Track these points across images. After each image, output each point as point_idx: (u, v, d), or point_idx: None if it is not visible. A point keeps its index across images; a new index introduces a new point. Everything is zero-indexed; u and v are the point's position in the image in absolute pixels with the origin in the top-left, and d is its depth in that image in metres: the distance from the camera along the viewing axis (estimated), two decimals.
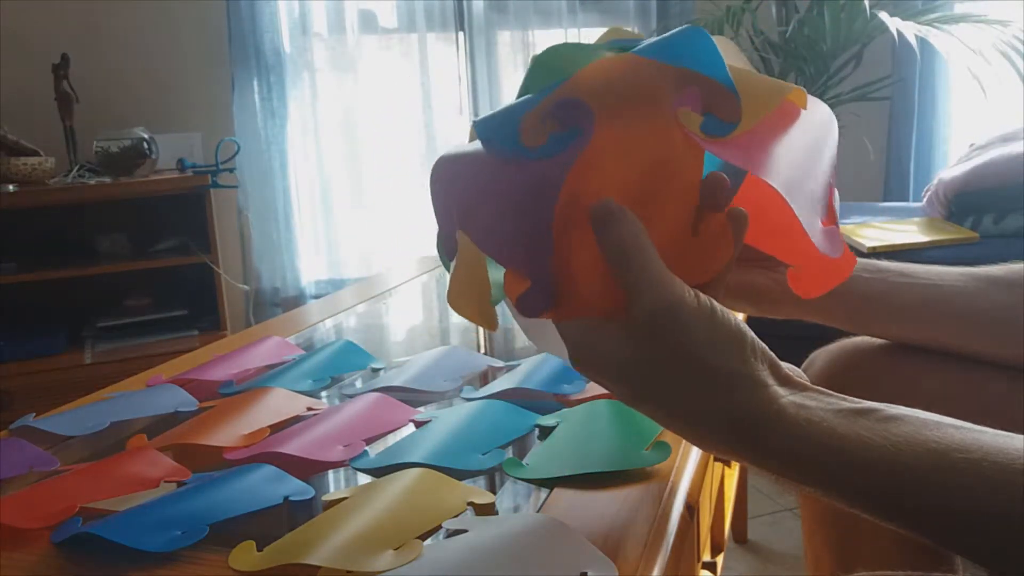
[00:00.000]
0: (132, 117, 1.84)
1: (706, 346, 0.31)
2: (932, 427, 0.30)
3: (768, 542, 1.29)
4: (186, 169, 1.77)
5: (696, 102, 0.35)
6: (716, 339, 0.31)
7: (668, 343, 0.31)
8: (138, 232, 1.81)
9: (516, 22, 2.12)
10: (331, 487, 0.46)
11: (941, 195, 1.54)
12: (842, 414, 0.31)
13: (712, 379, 0.31)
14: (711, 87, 0.35)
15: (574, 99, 0.34)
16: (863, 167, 2.23)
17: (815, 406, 0.31)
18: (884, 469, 0.29)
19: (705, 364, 0.31)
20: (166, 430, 0.55)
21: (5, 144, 1.66)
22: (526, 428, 0.52)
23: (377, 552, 0.36)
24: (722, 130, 0.34)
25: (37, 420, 0.58)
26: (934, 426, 0.30)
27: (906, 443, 0.29)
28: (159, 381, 0.66)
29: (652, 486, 0.42)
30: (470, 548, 0.36)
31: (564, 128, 0.34)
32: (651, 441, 0.46)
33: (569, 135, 0.34)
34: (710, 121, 0.34)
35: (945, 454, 0.28)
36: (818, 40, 1.89)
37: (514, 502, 0.42)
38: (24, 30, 1.84)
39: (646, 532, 0.37)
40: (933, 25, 1.74)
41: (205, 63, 1.97)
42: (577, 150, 0.33)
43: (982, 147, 1.58)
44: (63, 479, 0.47)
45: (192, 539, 0.39)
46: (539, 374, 0.60)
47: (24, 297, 1.70)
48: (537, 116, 0.34)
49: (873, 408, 0.31)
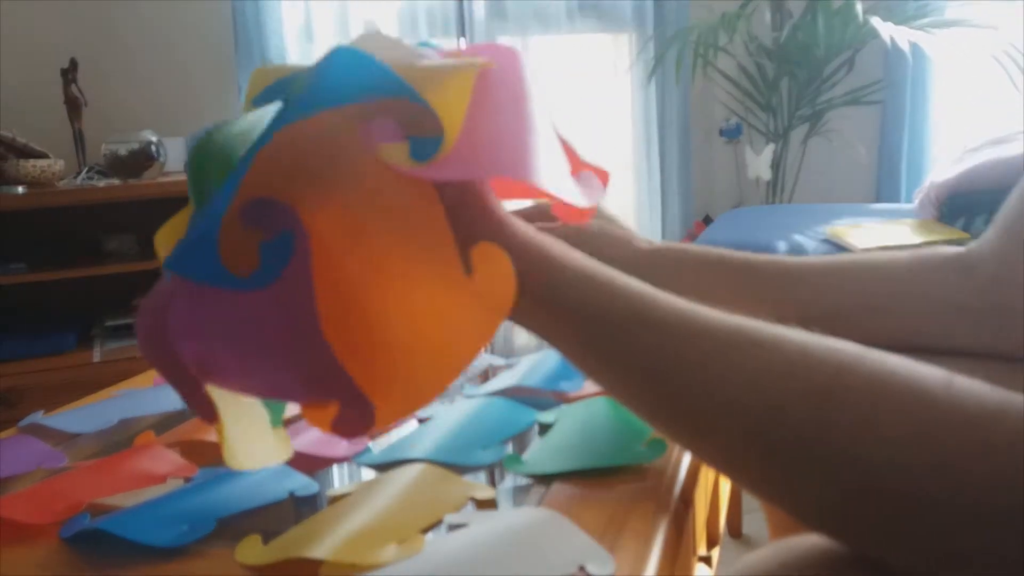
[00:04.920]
0: (140, 120, 1.84)
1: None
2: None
3: (762, 535, 1.30)
4: None
5: (394, 131, 0.30)
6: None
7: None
8: (147, 233, 1.79)
9: (516, 27, 2.13)
10: (335, 482, 0.47)
11: (933, 197, 1.55)
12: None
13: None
14: (397, 107, 0.30)
15: (263, 200, 0.29)
16: (855, 170, 2.24)
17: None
18: (594, 312, 0.31)
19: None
20: (173, 427, 0.56)
21: (15, 147, 1.67)
22: (526, 424, 0.53)
23: (380, 546, 0.37)
24: (432, 148, 0.29)
25: (46, 417, 0.58)
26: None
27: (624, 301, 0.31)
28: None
29: (649, 481, 0.43)
30: (471, 542, 0.37)
31: (270, 234, 0.28)
32: (648, 437, 0.47)
33: (281, 243, 0.28)
34: (417, 144, 0.30)
35: (652, 316, 0.30)
36: (812, 45, 1.91)
37: (514, 497, 0.43)
38: (33, 34, 1.85)
39: (643, 526, 0.38)
40: (925, 30, 1.76)
41: (212, 68, 1.98)
42: (305, 255, 0.28)
43: (973, 150, 1.60)
44: (71, 475, 0.48)
45: (199, 533, 0.40)
46: (539, 372, 0.61)
47: (34, 297, 1.71)
48: (233, 232, 0.28)
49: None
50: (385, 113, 0.30)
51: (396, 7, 2.08)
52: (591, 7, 2.20)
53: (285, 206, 0.29)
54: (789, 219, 1.71)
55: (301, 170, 0.29)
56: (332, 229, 0.29)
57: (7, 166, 1.65)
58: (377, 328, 0.30)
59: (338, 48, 0.30)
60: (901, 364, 0.26)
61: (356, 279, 0.29)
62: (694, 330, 0.30)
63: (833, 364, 0.27)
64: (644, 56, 2.21)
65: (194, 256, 0.29)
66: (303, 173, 0.29)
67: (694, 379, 0.29)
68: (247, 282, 0.28)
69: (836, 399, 0.26)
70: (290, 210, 0.29)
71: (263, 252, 0.28)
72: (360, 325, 0.30)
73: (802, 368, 0.27)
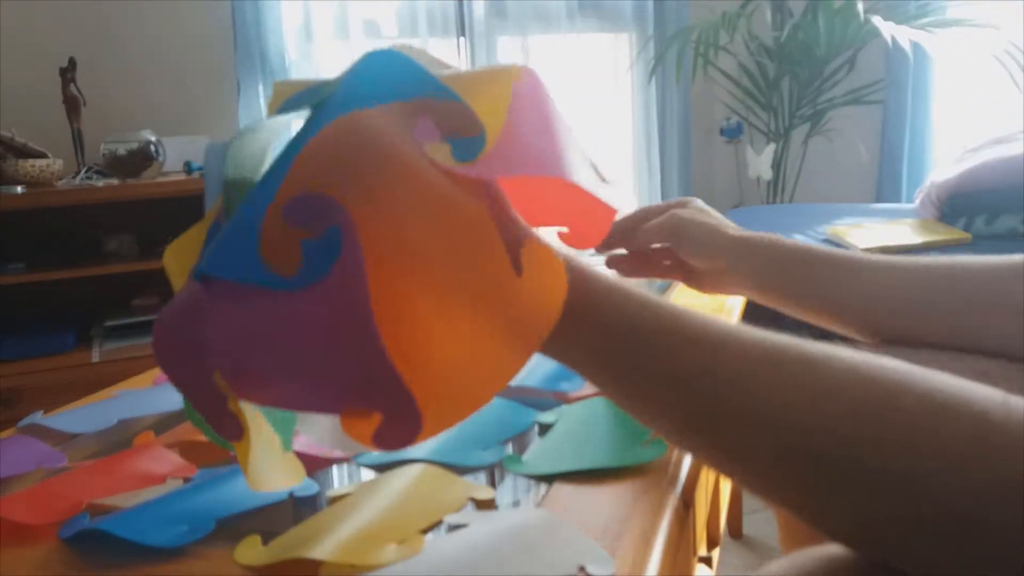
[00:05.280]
0: (139, 120, 1.85)
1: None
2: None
3: (763, 536, 1.30)
4: (193, 171, 1.78)
5: (433, 132, 0.29)
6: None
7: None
8: (146, 233, 1.81)
9: (516, 27, 2.13)
10: (335, 483, 0.47)
11: (934, 197, 1.55)
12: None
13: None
14: (438, 109, 0.29)
15: (308, 196, 0.27)
16: (856, 169, 2.24)
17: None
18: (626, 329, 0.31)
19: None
20: (173, 427, 0.56)
21: (13, 146, 1.67)
22: (526, 425, 0.53)
23: (380, 546, 0.37)
24: (474, 148, 0.29)
25: (45, 418, 0.58)
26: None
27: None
28: (166, 379, 0.67)
29: (649, 481, 0.43)
30: (470, 542, 0.37)
31: (315, 233, 0.27)
32: (648, 437, 0.47)
33: (327, 239, 0.27)
34: (458, 145, 0.29)
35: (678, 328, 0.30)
36: (812, 45, 1.91)
37: (514, 497, 0.43)
38: (31, 33, 1.85)
39: (643, 527, 0.38)
40: (926, 29, 1.76)
41: (211, 68, 1.98)
42: (355, 250, 0.26)
43: (974, 149, 1.60)
44: (71, 475, 0.48)
45: (198, 534, 0.40)
46: (539, 372, 0.61)
47: (33, 297, 1.71)
48: (274, 232, 0.27)
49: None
50: (424, 114, 0.30)
51: (395, 7, 2.08)
52: (591, 7, 2.20)
53: (332, 199, 0.27)
54: (790, 219, 1.71)
55: (348, 165, 0.28)
56: (377, 228, 0.27)
57: (6, 166, 1.65)
58: (420, 331, 0.28)
59: (373, 50, 0.29)
60: (955, 383, 0.26)
61: (398, 281, 0.27)
62: (734, 346, 0.29)
63: (883, 383, 0.26)
64: (644, 56, 2.21)
65: (235, 256, 0.27)
66: (350, 169, 0.28)
67: (734, 394, 0.28)
68: (293, 281, 0.27)
69: (888, 418, 0.25)
70: (337, 203, 0.27)
71: (307, 251, 0.27)
72: (404, 329, 0.27)
73: (850, 386, 0.27)
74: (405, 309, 0.27)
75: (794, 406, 0.27)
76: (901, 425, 0.25)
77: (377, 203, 0.27)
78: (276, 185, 0.28)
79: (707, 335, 0.30)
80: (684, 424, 0.30)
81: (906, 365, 0.27)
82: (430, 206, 0.28)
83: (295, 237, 0.27)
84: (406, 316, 0.27)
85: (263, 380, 0.28)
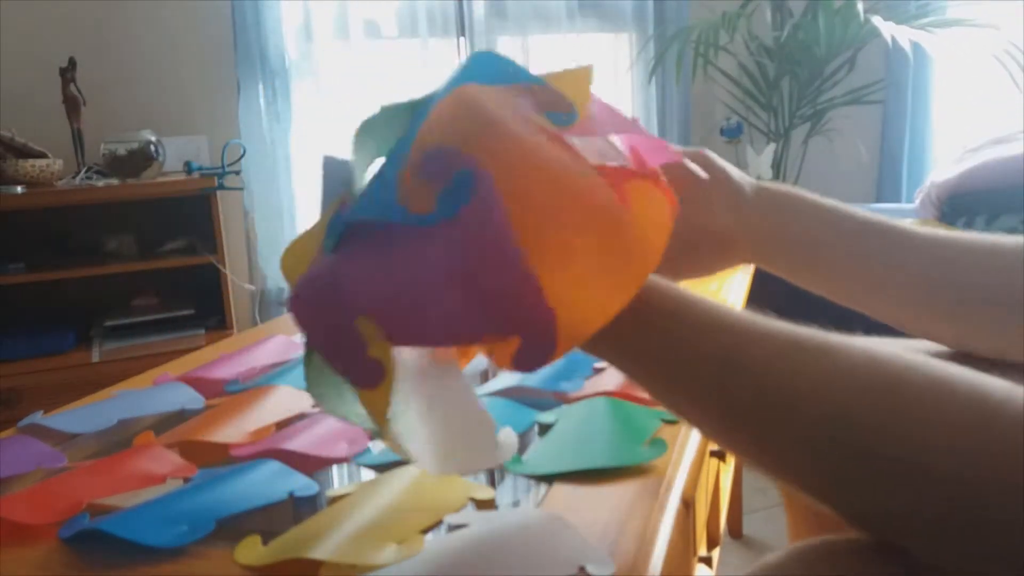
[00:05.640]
0: (139, 120, 1.84)
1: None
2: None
3: (763, 536, 1.31)
4: (193, 171, 1.78)
5: (534, 106, 0.34)
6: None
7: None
8: (145, 233, 1.81)
9: (516, 27, 2.13)
10: (335, 483, 0.47)
11: (934, 197, 1.55)
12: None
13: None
14: (535, 91, 0.34)
15: (438, 149, 0.31)
16: (856, 169, 2.24)
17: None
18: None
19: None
20: (173, 427, 0.56)
21: (13, 146, 1.67)
22: (526, 425, 0.53)
23: (380, 546, 0.37)
24: (569, 120, 0.34)
25: (45, 418, 0.58)
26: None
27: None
28: (166, 379, 0.67)
29: (649, 481, 0.43)
30: (470, 542, 0.37)
31: (445, 181, 0.30)
32: (648, 437, 0.47)
33: (459, 182, 0.30)
34: (554, 117, 0.33)
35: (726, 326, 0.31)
36: (812, 45, 1.90)
37: (514, 497, 0.43)
38: (31, 34, 1.84)
39: (643, 527, 0.38)
40: (926, 29, 1.76)
41: (211, 68, 1.97)
42: (489, 185, 0.30)
43: (974, 149, 1.60)
44: (71, 475, 0.48)
45: (198, 534, 0.40)
46: (539, 372, 0.61)
47: (33, 297, 1.71)
48: (410, 183, 0.31)
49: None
50: (524, 95, 0.34)
51: (395, 7, 2.08)
52: (591, 7, 2.20)
53: (456, 149, 0.30)
54: None
55: (464, 122, 0.32)
56: (498, 171, 0.30)
57: (6, 166, 1.65)
58: (545, 261, 0.30)
59: (479, 53, 0.34)
60: (963, 370, 0.26)
61: (520, 217, 0.30)
62: (757, 334, 0.30)
63: (897, 364, 0.27)
64: (644, 56, 2.21)
65: (377, 204, 0.31)
66: (468, 125, 0.31)
67: (757, 380, 0.29)
68: (430, 217, 0.30)
69: (900, 395, 0.26)
70: (461, 153, 0.30)
71: (441, 197, 0.30)
72: (533, 259, 0.30)
73: (865, 368, 0.27)
74: (530, 240, 0.30)
75: (814, 392, 0.27)
76: (912, 401, 0.25)
77: (494, 153, 0.31)
78: (407, 148, 0.31)
79: (741, 324, 0.30)
80: (720, 411, 0.31)
81: (922, 354, 0.27)
82: (540, 151, 0.31)
83: (428, 189, 0.30)
84: (534, 248, 0.30)
85: (407, 319, 0.30)
